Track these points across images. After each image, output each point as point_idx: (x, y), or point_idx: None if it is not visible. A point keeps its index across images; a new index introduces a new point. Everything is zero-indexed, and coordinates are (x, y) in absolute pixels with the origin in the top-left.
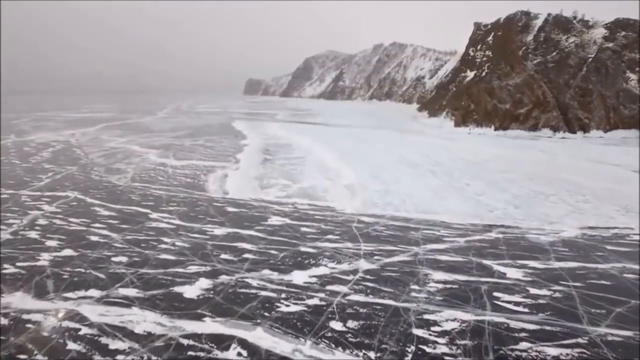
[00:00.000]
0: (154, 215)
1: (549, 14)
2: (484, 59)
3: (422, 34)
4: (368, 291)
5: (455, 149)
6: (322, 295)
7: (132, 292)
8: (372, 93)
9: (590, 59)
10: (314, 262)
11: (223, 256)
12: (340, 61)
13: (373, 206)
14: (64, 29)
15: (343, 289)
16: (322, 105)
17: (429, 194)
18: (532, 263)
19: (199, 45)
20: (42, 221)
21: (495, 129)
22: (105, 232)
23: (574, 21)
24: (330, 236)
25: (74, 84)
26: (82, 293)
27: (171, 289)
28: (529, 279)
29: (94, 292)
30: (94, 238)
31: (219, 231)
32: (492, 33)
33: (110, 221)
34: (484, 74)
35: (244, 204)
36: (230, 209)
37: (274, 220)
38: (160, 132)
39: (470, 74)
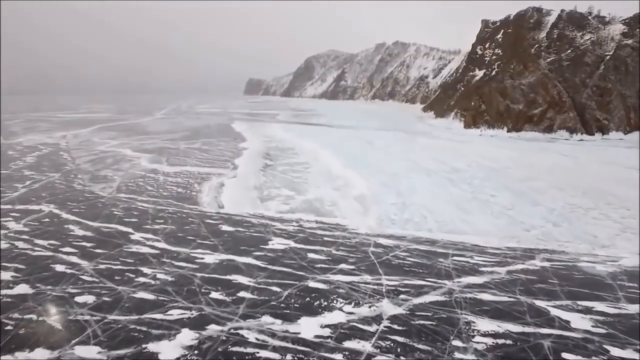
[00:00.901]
0: (136, 235)
1: (562, 10)
2: (494, 57)
3: (424, 33)
4: (398, 349)
5: (470, 153)
6: (339, 357)
7: (92, 352)
8: (375, 93)
9: (608, 57)
10: (325, 303)
11: (213, 295)
12: (341, 60)
13: (390, 224)
14: (63, 29)
15: (365, 346)
16: (324, 105)
17: (452, 208)
18: (598, 306)
19: (199, 45)
20: (2, 243)
21: (508, 131)
22: (74, 259)
23: (589, 17)
24: (343, 265)
25: (75, 84)
26: (23, 356)
27: (144, 346)
28: (602, 330)
29: (40, 354)
30: (59, 268)
31: (211, 258)
32: (502, 30)
33: (83, 244)
34: (494, 72)
35: (241, 220)
36: (225, 227)
37: (276, 243)
38: (155, 134)
39: (479, 73)
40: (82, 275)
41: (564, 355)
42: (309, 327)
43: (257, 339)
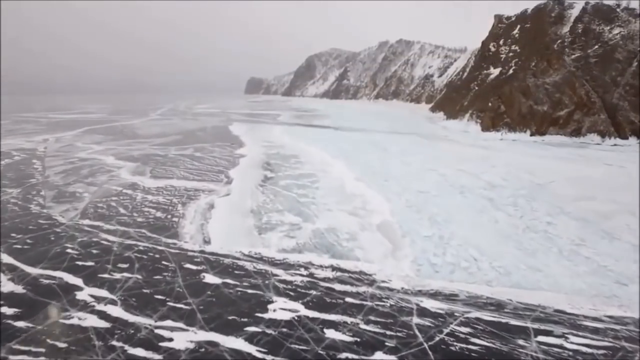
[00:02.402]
0: (83, 294)
1: (586, 2)
2: (510, 54)
3: (428, 30)
4: None
5: (499, 161)
6: None
7: None
8: (378, 92)
9: None
10: None
11: None
12: (343, 59)
13: (432, 272)
14: (64, 29)
15: None
16: (327, 105)
17: (506, 244)
18: None
19: (199, 44)
20: None
21: (531, 134)
22: None
23: (618, 10)
24: (380, 356)
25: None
26: None
27: None
28: None
29: None
30: None
31: (182, 340)
32: (518, 26)
33: (3, 310)
34: (511, 70)
35: (232, 265)
36: (208, 279)
37: (279, 309)
38: (145, 138)
39: (495, 71)
40: None
41: None
42: None
43: None
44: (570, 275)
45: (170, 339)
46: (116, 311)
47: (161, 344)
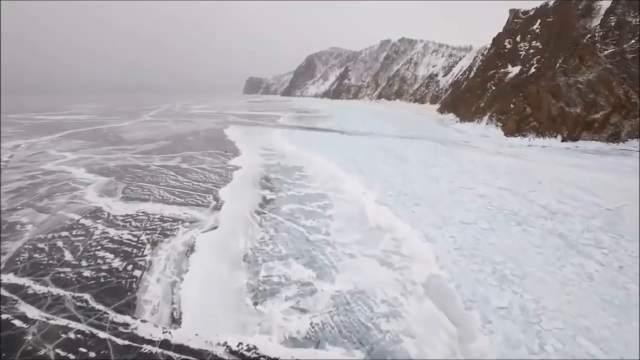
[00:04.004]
0: None
1: None
2: (531, 50)
3: (431, 28)
4: None
5: (544, 176)
6: None
7: None
8: (381, 92)
9: None
10: None
11: None
12: (344, 58)
13: None
14: (64, 29)
15: None
16: (328, 105)
17: (626, 320)
18: None
19: (199, 44)
20: None
21: (563, 140)
22: None
23: None
24: None
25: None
26: None
27: None
28: None
29: None
30: None
31: None
32: (539, 20)
33: None
34: (533, 69)
35: None
36: None
37: None
38: (129, 144)
39: (513, 70)
40: None
41: None
42: None
43: None
44: None
45: None
46: None
47: None
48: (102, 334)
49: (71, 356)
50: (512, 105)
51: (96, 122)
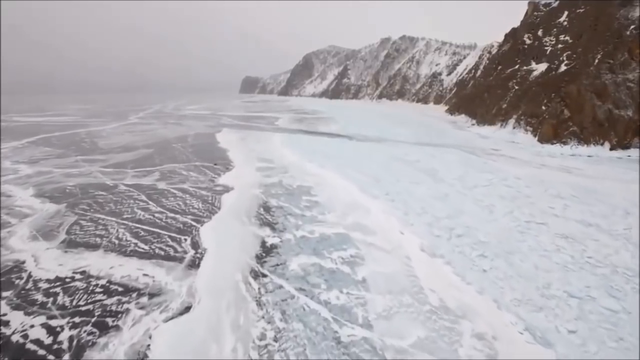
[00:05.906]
0: None
1: None
2: (559, 45)
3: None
4: None
5: (625, 203)
6: None
7: None
8: (382, 91)
9: None
10: None
11: None
12: (343, 57)
13: None
14: (64, 29)
15: None
16: (328, 105)
17: None
18: None
19: (198, 43)
20: None
21: (612, 148)
22: None
23: None
24: None
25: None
26: None
27: None
28: None
29: None
30: None
31: None
32: (566, 12)
33: None
34: (563, 66)
35: None
36: None
37: None
38: (103, 153)
39: (539, 67)
40: None
41: None
42: None
43: None
44: None
45: None
46: None
47: None
48: None
49: None
50: (544, 107)
51: (77, 125)
